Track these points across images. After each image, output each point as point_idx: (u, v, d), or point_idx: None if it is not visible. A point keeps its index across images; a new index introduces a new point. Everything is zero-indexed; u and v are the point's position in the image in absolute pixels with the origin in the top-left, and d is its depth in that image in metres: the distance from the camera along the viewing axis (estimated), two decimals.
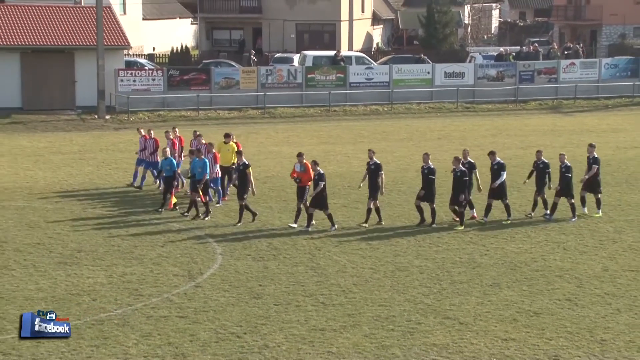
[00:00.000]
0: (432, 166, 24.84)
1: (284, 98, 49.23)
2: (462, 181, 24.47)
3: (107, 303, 18.42)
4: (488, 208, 25.26)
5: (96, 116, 45.35)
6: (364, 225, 24.59)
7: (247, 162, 25.43)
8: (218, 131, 42.95)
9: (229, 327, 17.14)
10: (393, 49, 73.62)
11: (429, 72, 51.85)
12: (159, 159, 28.16)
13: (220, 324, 17.33)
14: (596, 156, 26.14)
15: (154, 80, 48.12)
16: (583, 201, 26.01)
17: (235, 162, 26.59)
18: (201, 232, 23.96)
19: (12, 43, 46.14)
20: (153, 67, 52.98)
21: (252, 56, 55.23)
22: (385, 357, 15.95)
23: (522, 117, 47.79)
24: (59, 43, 46.96)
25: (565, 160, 25.58)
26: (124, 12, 64.03)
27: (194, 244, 22.94)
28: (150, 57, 62.94)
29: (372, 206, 24.64)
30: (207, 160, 25.87)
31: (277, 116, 47.66)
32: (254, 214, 24.99)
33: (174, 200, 26.13)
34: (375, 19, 79.11)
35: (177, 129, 30.26)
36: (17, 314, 17.52)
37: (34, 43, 46.52)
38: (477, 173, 25.48)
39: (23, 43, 46.35)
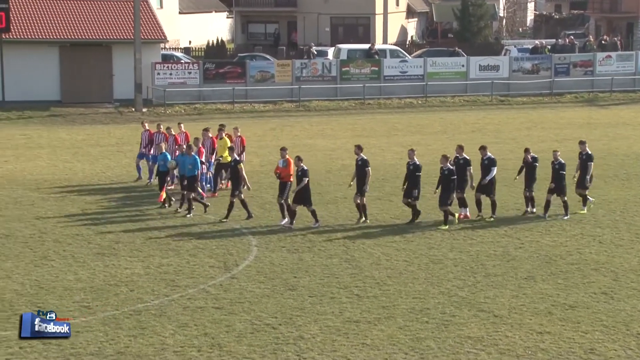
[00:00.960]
0: (418, 162, 24.27)
1: (318, 91, 49.22)
2: (450, 180, 23.93)
3: (144, 294, 18.54)
4: (478, 203, 24.63)
5: (133, 109, 45.64)
6: (365, 221, 24.10)
7: (238, 159, 25.07)
8: (253, 124, 43.10)
9: (264, 319, 17.19)
10: (427, 42, 73.30)
11: (463, 65, 51.59)
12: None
13: (256, 315, 17.38)
14: (590, 152, 25.38)
15: (190, 73, 48.33)
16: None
17: (223, 156, 26.45)
18: (237, 225, 24.03)
19: (52, 37, 46.55)
20: (189, 61, 53.19)
21: (312, 49, 54.66)
22: (419, 349, 15.90)
23: (558, 110, 47.38)
24: (97, 37, 47.33)
25: (559, 157, 24.73)
26: (161, 6, 64.34)
27: (229, 236, 23.02)
28: (187, 50, 63.21)
29: (359, 201, 24.03)
30: (197, 157, 25.26)
31: (312, 109, 47.66)
32: (249, 214, 24.37)
33: (164, 195, 25.30)
34: (410, 12, 78.80)
35: (182, 125, 29.43)
36: (58, 304, 17.73)
37: (73, 37, 46.90)
38: (472, 170, 24.57)
39: (62, 37, 46.74)
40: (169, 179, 26.00)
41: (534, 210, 25.20)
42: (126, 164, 32.53)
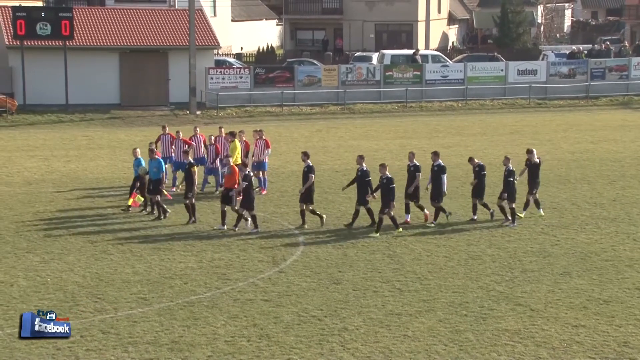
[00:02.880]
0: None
1: (362, 95, 49.17)
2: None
3: (197, 286, 18.65)
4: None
5: (188, 112, 45.96)
6: (372, 230, 23.03)
7: (192, 161, 24.18)
8: (300, 126, 43.17)
9: (311, 311, 17.19)
10: (468, 48, 72.82)
11: (502, 70, 51.19)
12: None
13: (302, 307, 17.39)
14: (538, 161, 24.34)
15: (241, 78, 48.55)
16: (527, 204, 24.36)
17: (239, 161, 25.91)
18: (284, 221, 24.07)
19: (112, 44, 47.07)
20: (241, 66, 53.41)
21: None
22: (458, 341, 15.80)
23: (593, 112, 46.77)
24: (155, 43, 47.74)
25: (510, 164, 23.71)
26: (215, 14, 64.71)
27: (278, 233, 23.07)
28: (238, 56, 63.49)
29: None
30: (161, 160, 24.44)
31: (356, 112, 47.62)
32: (191, 218, 23.53)
33: (132, 200, 24.53)
34: (451, 19, 78.34)
35: (197, 128, 28.61)
36: (117, 296, 17.91)
37: (132, 43, 47.37)
38: (420, 176, 23.68)
39: (122, 44, 47.23)
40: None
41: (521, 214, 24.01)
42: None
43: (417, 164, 23.75)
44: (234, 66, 52.54)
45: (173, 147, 27.66)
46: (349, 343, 15.67)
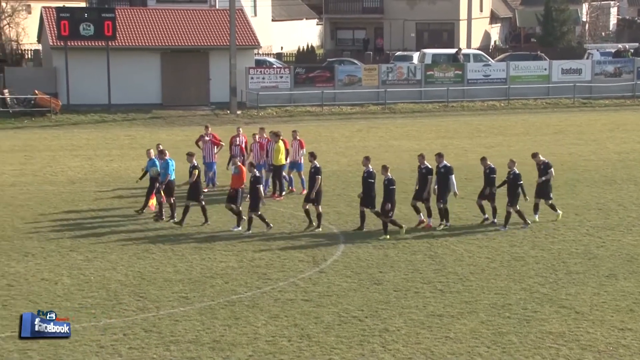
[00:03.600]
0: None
1: (403, 94, 49.04)
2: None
3: (238, 286, 18.73)
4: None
5: (228, 111, 46.19)
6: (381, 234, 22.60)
7: (196, 164, 23.84)
8: (340, 126, 43.15)
9: (351, 311, 17.18)
10: (510, 47, 72.25)
11: (545, 69, 50.76)
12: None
13: (343, 307, 17.38)
14: (546, 161, 23.74)
15: (281, 77, 48.68)
16: (536, 208, 23.83)
17: (285, 162, 25.85)
18: (324, 221, 24.07)
19: (154, 44, 47.46)
20: (281, 66, 53.56)
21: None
22: (501, 343, 15.68)
23: None
24: (196, 43, 48.06)
25: (515, 168, 23.20)
26: (255, 14, 64.95)
27: (318, 232, 23.07)
28: (279, 56, 63.67)
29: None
30: (170, 162, 24.01)
31: (397, 111, 47.50)
32: (180, 221, 23.35)
33: (152, 203, 24.34)
34: (493, 18, 77.79)
35: (240, 129, 28.52)
36: (158, 294, 18.05)
37: (173, 44, 47.74)
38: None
39: (163, 44, 47.62)
40: (159, 185, 24.14)
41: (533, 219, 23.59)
42: (221, 163, 32.88)
43: (429, 166, 23.35)
44: (274, 66, 52.70)
45: (215, 147, 27.88)
46: (390, 344, 15.62)
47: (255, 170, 23.24)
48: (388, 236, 22.19)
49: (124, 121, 43.81)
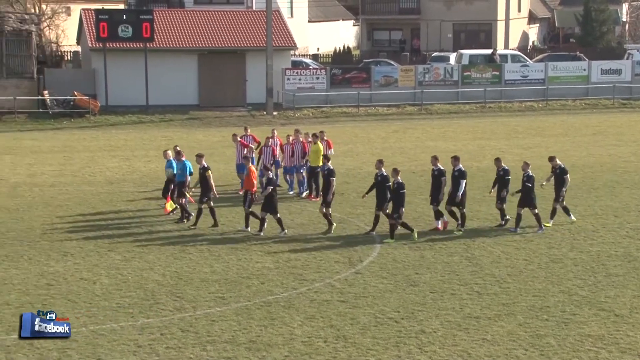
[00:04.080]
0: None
1: (440, 95, 48.89)
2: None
3: (274, 286, 18.78)
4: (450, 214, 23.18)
5: (264, 112, 46.35)
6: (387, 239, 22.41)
7: (206, 166, 23.61)
8: (377, 127, 43.10)
9: (387, 312, 17.15)
10: (549, 47, 71.66)
11: (585, 69, 50.33)
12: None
13: (379, 309, 17.35)
14: (562, 166, 23.44)
15: (317, 78, 48.75)
16: (554, 212, 23.50)
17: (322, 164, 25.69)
18: (360, 222, 24.06)
19: (191, 45, 47.78)
20: (317, 67, 53.64)
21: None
22: (539, 345, 15.55)
23: None
24: (233, 45, 48.29)
25: (529, 170, 22.85)
26: (292, 15, 65.10)
27: (354, 233, 23.07)
28: (315, 57, 63.76)
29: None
30: (187, 163, 24.00)
31: (434, 112, 47.35)
32: (215, 222, 23.42)
33: (169, 206, 24.38)
34: (532, 18, 77.19)
35: (275, 130, 28.54)
36: (195, 294, 18.16)
37: (211, 45, 48.01)
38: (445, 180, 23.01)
39: (200, 45, 47.92)
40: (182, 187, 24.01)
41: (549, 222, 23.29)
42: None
43: (442, 168, 23.10)
44: (311, 67, 52.79)
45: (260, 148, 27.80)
46: (426, 346, 15.57)
47: (270, 173, 23.05)
48: (393, 240, 22.01)
49: (161, 122, 44.14)
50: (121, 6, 62.29)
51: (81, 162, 33.61)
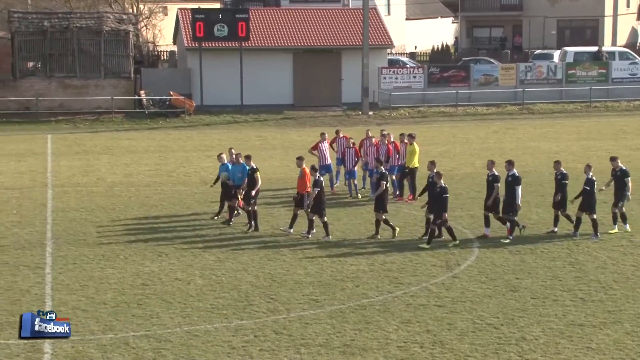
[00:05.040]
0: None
1: (542, 94, 48.08)
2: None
3: (368, 289, 18.76)
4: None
5: (360, 112, 46.38)
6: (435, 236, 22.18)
7: (255, 167, 23.60)
8: (475, 127, 42.62)
9: (486, 318, 16.93)
10: None
11: None
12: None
13: (477, 314, 17.15)
14: (624, 168, 22.64)
15: (414, 77, 48.53)
16: (615, 218, 22.67)
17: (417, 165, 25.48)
18: (458, 225, 23.82)
19: (286, 44, 48.18)
20: (414, 65, 53.39)
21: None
22: None
23: None
24: (328, 44, 48.49)
25: (590, 173, 22.11)
26: (389, 13, 65.02)
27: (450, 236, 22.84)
28: (412, 55, 63.48)
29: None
30: (246, 166, 23.71)
31: (536, 112, 46.57)
32: (256, 227, 23.22)
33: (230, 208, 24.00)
34: None
35: (369, 132, 28.33)
36: (289, 297, 18.28)
37: (306, 44, 48.32)
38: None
39: (296, 44, 48.27)
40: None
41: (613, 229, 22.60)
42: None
43: (496, 173, 22.46)
44: (408, 65, 52.59)
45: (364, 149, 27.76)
46: (527, 353, 15.31)
47: (317, 173, 22.85)
48: (428, 245, 21.67)
49: (256, 122, 44.64)
50: (217, 5, 63.33)
51: (176, 162, 34.26)
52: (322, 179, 23.09)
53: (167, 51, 58.48)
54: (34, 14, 47.97)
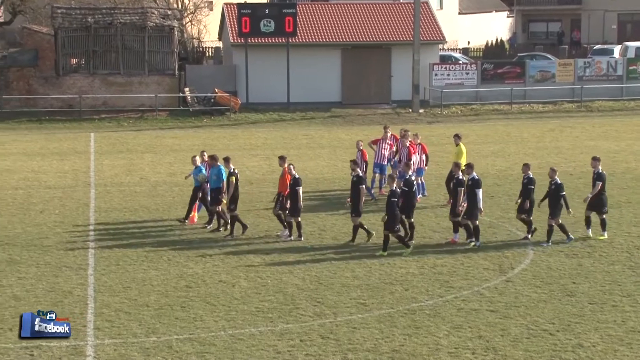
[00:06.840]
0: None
1: (602, 91, 47.57)
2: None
3: (418, 293, 18.73)
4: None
5: (410, 110, 46.28)
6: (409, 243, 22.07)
7: (233, 170, 23.29)
8: (531, 125, 42.27)
9: (541, 324, 16.81)
10: None
11: None
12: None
13: (532, 320, 17.03)
14: (601, 171, 22.26)
15: (467, 74, 48.30)
16: (588, 222, 22.37)
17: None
18: (512, 227, 23.67)
19: (334, 40, 48.24)
20: (467, 61, 53.11)
21: None
22: None
23: None
24: (378, 39, 48.46)
25: (556, 177, 21.85)
26: (441, 7, 64.77)
27: (505, 239, 22.72)
28: (465, 51, 63.15)
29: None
30: (222, 168, 23.62)
31: (594, 110, 46.07)
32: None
33: (194, 216, 24.32)
34: None
35: (388, 128, 28.61)
36: (336, 300, 18.32)
37: (354, 39, 48.35)
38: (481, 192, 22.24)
39: (344, 40, 48.31)
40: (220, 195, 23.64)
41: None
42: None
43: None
44: (460, 61, 52.33)
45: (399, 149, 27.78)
46: None
47: (295, 172, 22.86)
48: (478, 243, 21.74)
49: (302, 120, 44.77)
50: (264, 0, 63.65)
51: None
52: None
53: (212, 47, 58.89)
54: (78, 9, 48.58)
